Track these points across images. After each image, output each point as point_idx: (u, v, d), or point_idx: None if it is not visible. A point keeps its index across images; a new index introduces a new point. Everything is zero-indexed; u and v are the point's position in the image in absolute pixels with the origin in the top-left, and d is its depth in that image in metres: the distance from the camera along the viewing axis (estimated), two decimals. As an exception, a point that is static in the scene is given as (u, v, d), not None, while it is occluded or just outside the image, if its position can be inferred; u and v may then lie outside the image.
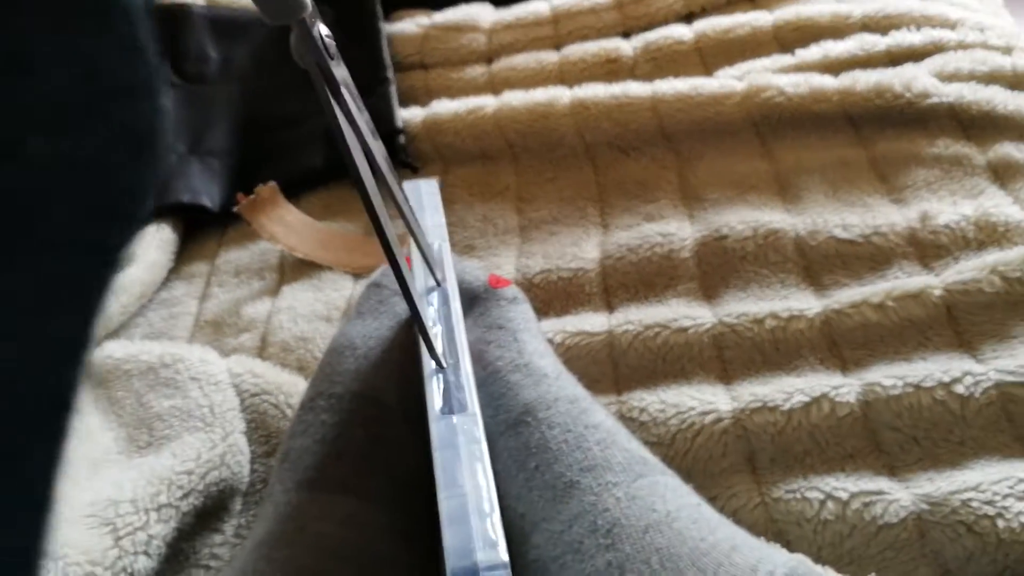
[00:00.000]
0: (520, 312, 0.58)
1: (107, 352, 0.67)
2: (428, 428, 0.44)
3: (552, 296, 0.70)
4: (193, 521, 0.56)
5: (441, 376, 0.44)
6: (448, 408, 0.42)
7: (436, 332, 0.47)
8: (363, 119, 0.42)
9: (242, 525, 0.58)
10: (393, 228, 0.43)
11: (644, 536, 0.39)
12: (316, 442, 0.48)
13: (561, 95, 0.85)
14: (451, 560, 0.34)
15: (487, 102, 0.86)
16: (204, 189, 0.86)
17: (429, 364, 0.44)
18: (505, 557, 0.34)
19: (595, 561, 0.38)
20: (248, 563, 0.41)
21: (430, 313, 0.49)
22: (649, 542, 0.38)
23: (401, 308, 0.57)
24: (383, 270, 0.62)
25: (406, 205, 0.50)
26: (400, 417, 0.50)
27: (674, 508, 0.41)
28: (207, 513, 0.57)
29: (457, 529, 0.35)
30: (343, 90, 0.39)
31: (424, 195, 0.61)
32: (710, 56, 0.91)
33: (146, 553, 0.52)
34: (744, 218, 0.71)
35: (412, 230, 0.50)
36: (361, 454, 0.47)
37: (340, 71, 0.39)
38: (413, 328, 0.55)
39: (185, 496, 0.55)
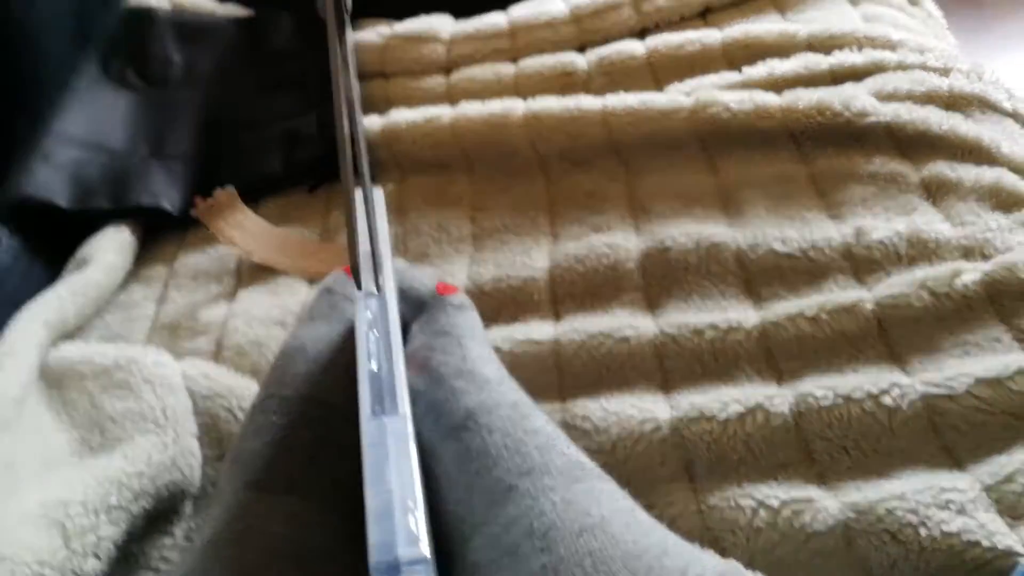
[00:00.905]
0: (466, 319, 0.59)
1: (62, 353, 0.67)
2: None
3: (502, 304, 0.72)
4: (143, 524, 0.56)
5: (374, 378, 0.44)
6: (380, 409, 0.42)
7: (372, 337, 0.47)
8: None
9: (192, 528, 0.58)
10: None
11: (578, 539, 0.39)
12: (265, 443, 0.48)
13: (515, 107, 0.86)
14: (374, 555, 0.34)
15: (444, 112, 0.88)
16: (164, 192, 0.86)
17: (363, 367, 0.45)
18: (427, 552, 0.34)
19: (530, 564, 0.39)
20: (196, 563, 0.42)
21: (366, 317, 0.50)
22: (583, 545, 0.39)
23: (351, 313, 0.58)
24: (335, 276, 0.62)
25: (371, 201, 0.51)
26: (347, 420, 0.51)
27: (608, 512, 0.41)
28: (157, 516, 0.58)
29: (381, 525, 0.35)
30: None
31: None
32: (661, 71, 0.93)
33: (95, 555, 0.52)
34: (688, 231, 0.73)
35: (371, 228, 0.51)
36: (307, 455, 0.48)
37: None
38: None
39: (136, 498, 0.55)
